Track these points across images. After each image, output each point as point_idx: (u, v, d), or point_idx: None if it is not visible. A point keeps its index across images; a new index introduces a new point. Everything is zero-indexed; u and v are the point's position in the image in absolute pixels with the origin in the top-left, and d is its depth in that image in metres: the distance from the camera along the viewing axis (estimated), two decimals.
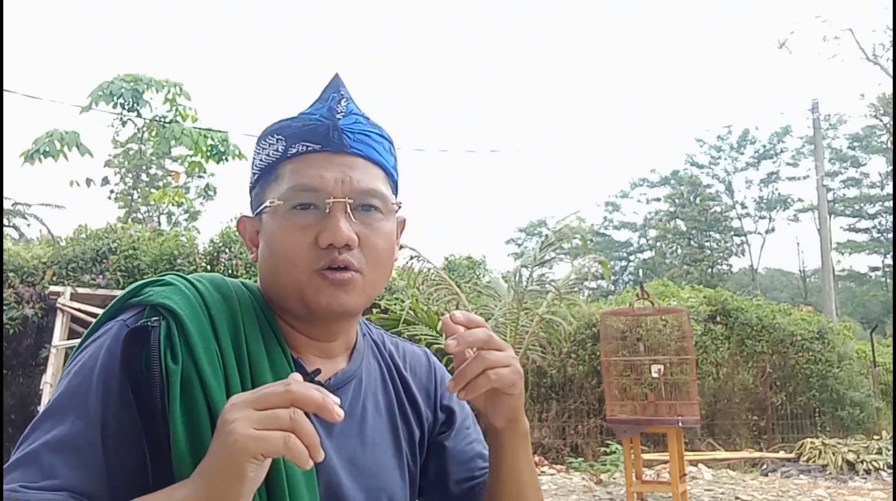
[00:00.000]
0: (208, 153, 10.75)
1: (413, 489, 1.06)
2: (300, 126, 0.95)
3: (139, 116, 10.99)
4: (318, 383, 0.95)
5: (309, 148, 0.94)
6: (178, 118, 10.96)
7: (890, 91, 19.91)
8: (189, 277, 0.96)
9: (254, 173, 1.00)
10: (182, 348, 0.85)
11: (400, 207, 1.00)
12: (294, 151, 0.94)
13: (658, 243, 36.59)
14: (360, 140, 0.96)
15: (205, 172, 14.15)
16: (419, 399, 1.09)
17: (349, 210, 0.92)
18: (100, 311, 1.02)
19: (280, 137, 0.96)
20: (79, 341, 0.94)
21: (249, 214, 1.02)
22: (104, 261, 9.22)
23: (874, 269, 35.83)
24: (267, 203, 0.94)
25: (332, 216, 0.91)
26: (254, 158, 1.01)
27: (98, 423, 0.82)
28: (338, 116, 0.96)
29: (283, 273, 0.93)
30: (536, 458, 9.28)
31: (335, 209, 0.91)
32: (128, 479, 0.81)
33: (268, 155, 0.97)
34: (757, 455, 9.67)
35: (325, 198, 0.92)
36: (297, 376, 0.76)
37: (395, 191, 1.02)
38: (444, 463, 1.09)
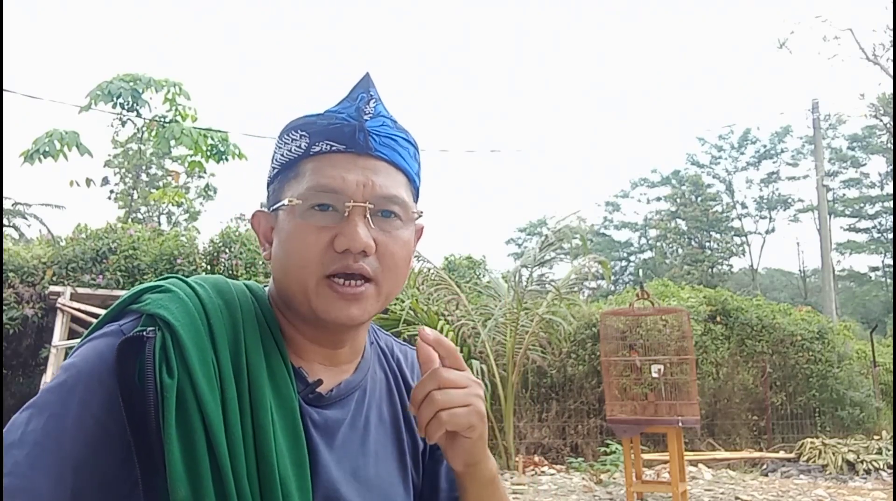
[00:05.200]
0: (208, 153, 10.73)
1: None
2: (325, 124, 0.92)
3: (139, 116, 10.97)
4: (319, 394, 0.93)
5: (333, 148, 0.91)
6: (178, 118, 10.95)
7: (890, 91, 19.91)
8: (191, 280, 0.93)
9: (273, 168, 0.97)
10: (177, 361, 0.82)
11: (420, 215, 0.97)
12: (317, 149, 0.92)
13: (658, 243, 36.62)
14: (385, 144, 0.93)
15: (205, 172, 14.13)
16: None
17: (368, 215, 0.89)
18: (100, 311, 0.97)
19: (304, 133, 0.93)
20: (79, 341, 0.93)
21: (260, 209, 0.99)
22: (104, 261, 9.22)
23: (874, 269, 35.87)
24: (285, 201, 0.91)
25: (350, 220, 0.88)
26: (274, 153, 0.97)
27: (74, 425, 0.80)
28: (365, 117, 0.93)
29: (293, 275, 0.90)
30: (536, 458, 9.27)
31: (354, 213, 0.88)
32: (110, 490, 0.80)
33: (290, 150, 0.94)
34: (757, 455, 9.67)
35: (344, 201, 0.89)
36: None
37: (416, 198, 0.99)
38: (437, 477, 1.05)
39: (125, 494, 0.80)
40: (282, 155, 0.95)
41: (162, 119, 10.96)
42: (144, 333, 0.83)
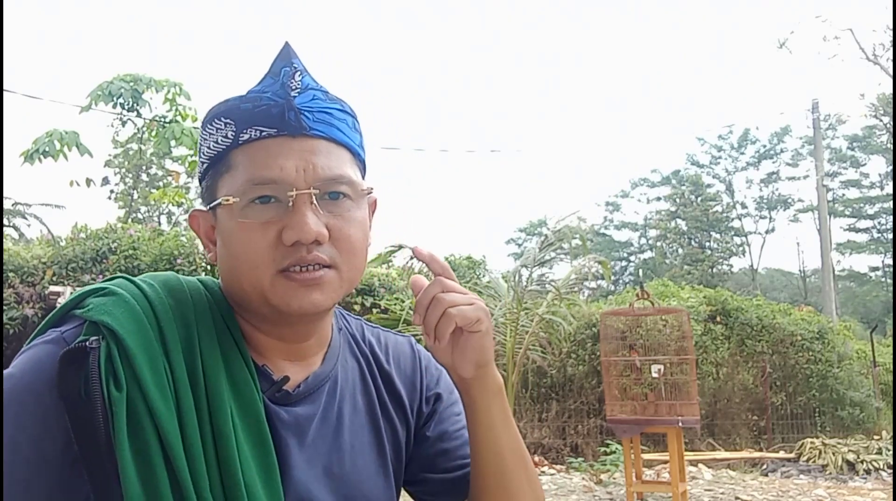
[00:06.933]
0: None
1: (399, 490, 0.99)
2: (251, 108, 0.84)
3: (139, 116, 10.96)
4: (286, 392, 0.88)
5: (263, 133, 0.83)
6: (179, 118, 10.94)
7: (890, 91, 19.91)
8: (139, 280, 0.86)
9: (202, 162, 0.89)
10: (125, 371, 0.75)
11: (371, 191, 0.90)
12: (246, 136, 0.84)
13: (658, 243, 36.63)
14: (320, 120, 0.85)
15: None
16: (403, 394, 1.00)
17: (315, 201, 0.82)
18: None
19: (229, 120, 0.85)
20: None
21: (198, 209, 0.92)
22: (104, 261, 9.22)
23: (874, 269, 35.88)
24: (220, 200, 0.84)
25: (296, 210, 0.81)
26: (200, 146, 0.89)
27: (7, 445, 0.74)
28: (293, 93, 0.84)
29: (245, 276, 0.83)
30: (536, 458, 9.27)
31: (299, 202, 0.81)
32: None
33: (216, 142, 0.86)
34: (757, 455, 9.66)
35: (286, 190, 0.82)
36: None
37: (364, 171, 0.92)
38: (430, 452, 1.00)
39: None
40: (208, 147, 0.87)
41: (162, 119, 10.96)
42: (87, 343, 0.76)
